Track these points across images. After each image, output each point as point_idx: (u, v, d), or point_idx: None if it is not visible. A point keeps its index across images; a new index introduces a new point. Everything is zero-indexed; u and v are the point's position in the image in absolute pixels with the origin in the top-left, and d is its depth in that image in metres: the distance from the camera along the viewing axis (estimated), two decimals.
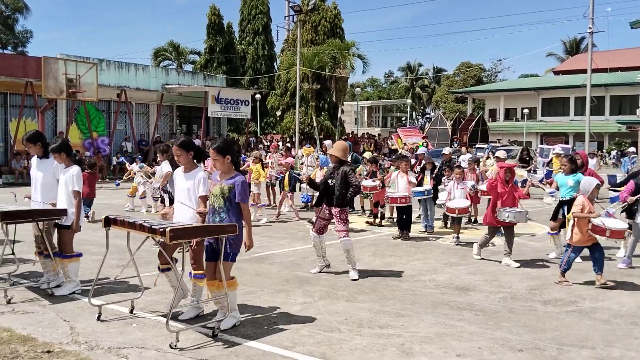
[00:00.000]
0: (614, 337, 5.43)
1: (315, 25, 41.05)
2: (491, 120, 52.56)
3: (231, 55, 45.24)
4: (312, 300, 6.59)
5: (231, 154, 5.62)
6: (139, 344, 5.07)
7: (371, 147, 35.70)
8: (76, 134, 27.47)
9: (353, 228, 12.15)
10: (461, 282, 7.56)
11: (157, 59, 52.51)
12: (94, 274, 6.19)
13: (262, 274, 7.86)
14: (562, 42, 68.26)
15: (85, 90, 23.81)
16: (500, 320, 5.89)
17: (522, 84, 59.71)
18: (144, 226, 5.22)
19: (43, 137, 7.12)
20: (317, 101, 38.78)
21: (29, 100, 24.83)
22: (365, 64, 45.32)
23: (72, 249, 6.77)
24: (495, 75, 74.74)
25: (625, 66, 50.95)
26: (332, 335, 5.39)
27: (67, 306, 6.22)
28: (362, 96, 59.13)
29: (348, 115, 56.86)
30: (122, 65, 29.60)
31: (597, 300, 6.74)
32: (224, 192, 5.49)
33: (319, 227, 7.87)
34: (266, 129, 45.72)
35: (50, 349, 4.93)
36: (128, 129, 29.96)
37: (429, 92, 75.47)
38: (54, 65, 23.02)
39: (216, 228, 5.34)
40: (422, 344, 5.17)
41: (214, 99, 30.27)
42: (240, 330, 5.48)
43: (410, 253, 9.56)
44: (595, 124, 41.76)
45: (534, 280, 7.66)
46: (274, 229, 12.14)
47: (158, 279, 6.53)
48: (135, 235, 5.56)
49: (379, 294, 6.90)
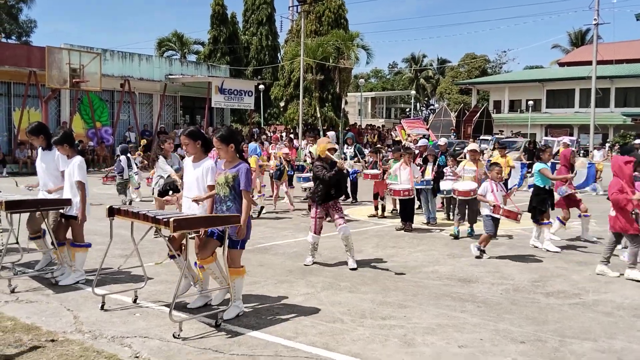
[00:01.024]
0: (616, 330, 5.43)
1: (320, 16, 40.93)
2: (495, 112, 52.36)
3: (235, 45, 45.13)
4: (315, 291, 6.60)
5: (235, 142, 5.62)
6: (142, 334, 5.10)
7: (375, 138, 35.72)
8: (79, 124, 27.51)
9: (357, 219, 12.17)
10: (464, 273, 7.56)
11: (161, 49, 52.43)
12: (98, 263, 6.22)
13: (265, 265, 7.88)
14: (567, 34, 67.89)
15: (89, 80, 23.85)
16: (503, 312, 5.90)
17: (527, 75, 59.44)
18: (147, 216, 5.23)
19: (46, 129, 7.12)
20: (320, 92, 38.72)
21: (32, 90, 24.85)
22: (369, 55, 45.12)
23: (83, 238, 6.80)
24: (500, 67, 74.48)
25: (631, 58, 50.67)
26: (335, 325, 5.40)
27: (70, 295, 6.25)
28: (365, 87, 58.99)
29: (352, 106, 56.75)
30: (126, 55, 29.57)
31: (600, 292, 6.74)
32: (229, 180, 5.50)
33: (320, 227, 7.91)
34: (270, 119, 45.68)
35: (54, 337, 4.96)
36: (131, 119, 29.97)
37: (433, 84, 75.26)
38: (57, 55, 23.04)
39: (220, 219, 5.35)
40: (425, 335, 5.18)
41: (217, 90, 30.26)
42: (243, 320, 5.50)
43: (412, 244, 9.56)
44: (600, 116, 41.65)
45: (536, 272, 7.66)
46: (278, 220, 12.15)
47: (164, 260, 6.56)
48: (139, 225, 5.57)
49: (382, 285, 6.91)
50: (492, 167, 8.96)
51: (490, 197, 8.52)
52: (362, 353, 4.73)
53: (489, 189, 8.62)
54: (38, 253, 7.57)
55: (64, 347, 4.77)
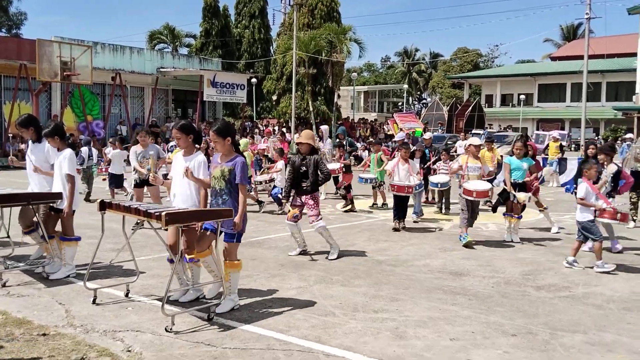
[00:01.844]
0: (606, 322, 5.48)
1: (312, 9, 40.73)
2: (487, 106, 52.52)
3: (227, 38, 44.94)
4: (307, 284, 6.62)
5: (231, 135, 5.60)
6: (134, 327, 5.09)
7: (367, 132, 35.71)
8: (70, 118, 27.36)
9: (348, 213, 12.20)
10: (455, 267, 7.60)
11: (152, 42, 52.16)
12: (90, 257, 6.20)
13: (257, 258, 7.88)
14: (559, 28, 68.12)
15: (80, 73, 23.69)
16: (494, 305, 5.93)
17: (519, 69, 59.64)
18: (139, 210, 5.22)
19: (36, 121, 7.08)
20: (313, 86, 38.59)
21: (23, 83, 24.68)
22: (362, 49, 45.10)
23: (73, 232, 6.77)
24: (492, 61, 74.68)
25: (622, 52, 50.89)
26: (327, 319, 5.42)
27: (62, 289, 6.23)
28: (358, 81, 58.85)
29: (344, 100, 56.67)
30: (117, 48, 29.40)
31: (590, 285, 6.79)
32: (225, 174, 5.49)
33: (294, 215, 8.03)
34: (262, 113, 45.55)
35: (46, 331, 4.94)
36: (123, 113, 29.83)
37: (426, 78, 75.32)
38: (48, 48, 22.87)
39: (212, 213, 5.34)
40: (416, 328, 5.20)
41: (209, 83, 30.14)
42: (235, 314, 5.50)
43: (404, 238, 9.59)
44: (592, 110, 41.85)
45: (527, 266, 7.70)
46: (270, 214, 12.14)
47: None
48: (130, 219, 5.56)
49: (374, 278, 6.93)
50: (589, 166, 7.83)
51: (599, 201, 7.56)
52: (354, 346, 4.74)
53: (592, 191, 7.58)
54: (30, 247, 7.53)
55: (56, 341, 4.76)
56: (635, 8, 39.08)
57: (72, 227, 6.76)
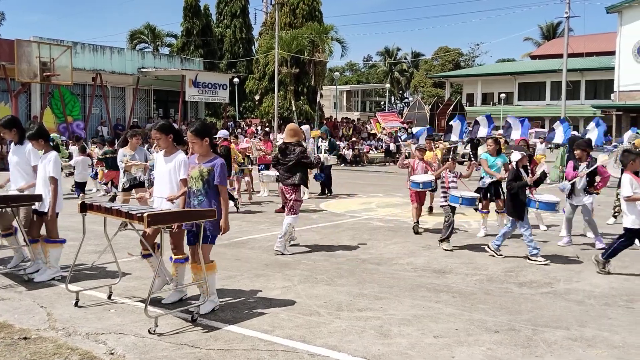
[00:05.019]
0: (587, 318, 5.55)
1: (294, 8, 40.70)
2: (469, 105, 52.81)
3: (208, 38, 44.69)
4: (292, 284, 6.61)
5: (209, 136, 5.58)
6: (117, 330, 5.05)
7: (350, 132, 35.77)
8: (51, 119, 27.01)
9: (333, 212, 12.21)
10: (438, 265, 7.64)
11: (133, 42, 51.73)
12: (71, 259, 6.14)
13: (241, 259, 7.86)
14: (539, 27, 68.66)
15: (60, 74, 23.42)
16: (477, 302, 5.98)
17: (499, 68, 60.03)
18: (120, 211, 5.18)
19: (18, 123, 6.99)
20: (295, 85, 38.59)
21: (1, 84, 24.36)
22: (344, 48, 45.36)
23: (57, 234, 6.70)
24: (473, 60, 75.05)
25: (601, 51, 51.45)
26: (312, 318, 5.42)
27: (43, 292, 6.16)
28: (340, 80, 58.89)
29: (327, 99, 56.68)
30: (97, 49, 29.11)
31: (571, 281, 6.87)
32: (203, 174, 5.47)
33: (282, 206, 8.53)
34: (245, 113, 45.40)
35: (27, 335, 4.89)
36: (104, 113, 29.56)
37: (408, 77, 75.56)
38: (27, 48, 22.58)
39: (195, 213, 5.32)
40: (400, 326, 5.23)
41: (191, 83, 29.97)
42: (219, 314, 5.49)
43: (388, 237, 9.63)
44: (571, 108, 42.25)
45: (509, 263, 7.77)
46: (253, 213, 12.12)
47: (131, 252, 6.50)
48: (112, 221, 5.51)
49: (358, 277, 6.95)
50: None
51: None
52: (338, 345, 4.75)
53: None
54: (10, 250, 7.44)
55: (37, 344, 4.70)
56: (613, 7, 39.60)
57: (56, 229, 6.69)
